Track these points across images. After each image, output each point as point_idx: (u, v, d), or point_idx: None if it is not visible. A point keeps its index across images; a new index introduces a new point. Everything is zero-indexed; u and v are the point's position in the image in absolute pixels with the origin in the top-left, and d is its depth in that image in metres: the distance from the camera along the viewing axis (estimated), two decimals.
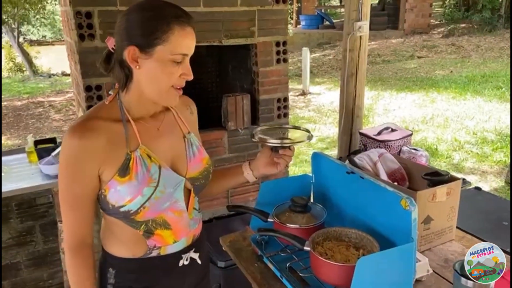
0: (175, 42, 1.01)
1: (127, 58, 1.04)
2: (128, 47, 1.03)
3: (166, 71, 1.04)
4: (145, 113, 1.14)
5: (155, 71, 1.04)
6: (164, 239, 1.17)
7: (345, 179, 1.40)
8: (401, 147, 2.39)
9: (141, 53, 1.03)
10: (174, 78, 1.05)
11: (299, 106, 7.51)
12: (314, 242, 1.30)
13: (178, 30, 1.01)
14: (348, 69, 2.86)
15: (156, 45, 1.01)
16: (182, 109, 1.25)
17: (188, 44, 1.04)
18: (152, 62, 1.03)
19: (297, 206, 1.42)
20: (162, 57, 1.02)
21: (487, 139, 5.38)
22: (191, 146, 1.21)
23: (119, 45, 1.06)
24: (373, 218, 1.34)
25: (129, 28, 1.04)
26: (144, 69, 1.05)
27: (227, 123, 2.53)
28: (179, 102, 1.25)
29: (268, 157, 1.32)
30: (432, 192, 1.46)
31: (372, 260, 1.11)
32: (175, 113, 1.22)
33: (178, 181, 1.15)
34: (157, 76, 1.04)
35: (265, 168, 1.32)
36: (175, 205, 1.16)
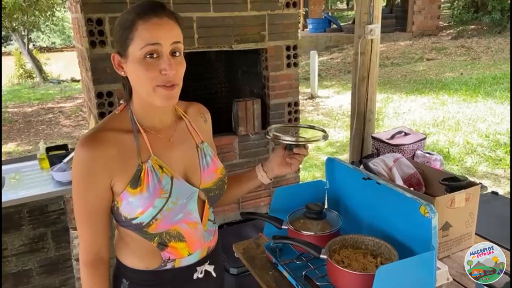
0: (140, 36, 0.99)
1: (114, 66, 1.06)
2: (112, 55, 1.06)
3: (143, 69, 1.00)
4: (156, 122, 1.12)
5: (136, 73, 1.02)
6: (179, 252, 1.15)
7: (361, 185, 1.38)
8: (415, 151, 2.35)
9: (121, 58, 1.04)
10: (153, 76, 1.00)
11: (308, 110, 7.48)
12: (330, 250, 1.27)
13: (141, 24, 0.99)
14: (359, 73, 2.83)
15: (127, 46, 1.01)
16: (195, 118, 1.23)
17: (155, 34, 0.99)
18: (130, 64, 1.02)
19: (312, 212, 1.40)
20: (135, 56, 1.00)
21: (500, 142, 5.30)
22: (204, 157, 1.19)
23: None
24: (390, 225, 1.31)
25: (113, 37, 1.08)
26: (128, 73, 1.05)
27: (238, 128, 2.51)
28: (192, 110, 1.24)
29: (282, 157, 1.28)
30: (450, 198, 1.43)
31: (392, 269, 1.08)
32: (188, 122, 1.20)
33: (191, 192, 1.13)
34: (139, 76, 1.02)
35: (279, 169, 1.29)
36: (188, 217, 1.14)
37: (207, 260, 1.21)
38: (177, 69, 1.02)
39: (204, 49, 2.27)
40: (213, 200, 1.21)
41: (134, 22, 0.99)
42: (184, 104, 1.24)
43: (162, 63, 1.00)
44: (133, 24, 0.99)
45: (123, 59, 1.03)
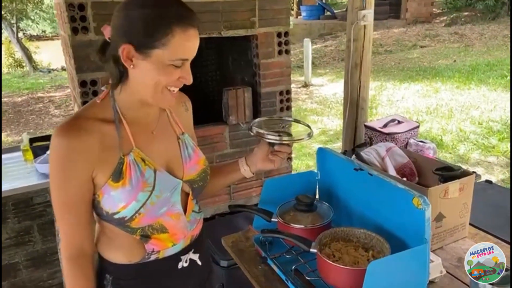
0: (175, 47, 0.93)
1: (122, 56, 0.96)
2: (123, 45, 0.94)
3: (162, 74, 0.97)
4: (140, 114, 1.07)
5: (150, 73, 0.96)
6: (162, 243, 1.11)
7: (353, 176, 1.33)
8: (408, 140, 2.32)
9: (137, 52, 0.95)
10: (171, 80, 0.99)
11: (302, 98, 7.42)
12: (321, 243, 1.23)
13: (180, 33, 0.93)
14: (352, 60, 2.77)
15: (154, 48, 0.93)
16: (176, 107, 1.19)
17: (190, 48, 0.97)
18: (149, 64, 0.96)
19: (302, 205, 1.35)
20: (160, 61, 0.95)
21: (493, 129, 5.29)
22: (186, 148, 1.15)
23: (115, 40, 0.98)
24: (383, 217, 1.27)
25: (127, 25, 0.95)
26: (139, 69, 0.97)
27: (228, 118, 2.46)
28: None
29: (266, 152, 1.26)
30: (444, 188, 1.39)
31: (383, 264, 1.04)
32: (169, 113, 1.16)
33: (175, 185, 1.09)
34: (152, 77, 0.97)
35: (263, 164, 1.27)
36: (172, 209, 1.10)
37: (191, 248, 1.18)
38: (190, 78, 1.01)
39: None
40: (197, 191, 1.18)
41: (171, 26, 0.92)
42: None
43: (183, 71, 0.98)
44: (169, 27, 0.92)
45: (140, 55, 0.95)
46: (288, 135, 1.25)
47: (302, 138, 1.26)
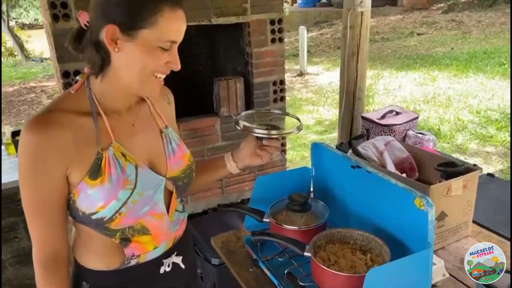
0: (164, 27, 0.86)
1: (105, 38, 0.87)
2: (106, 26, 0.86)
3: (150, 57, 0.89)
4: (120, 105, 0.99)
5: (137, 56, 0.88)
6: (143, 246, 1.03)
7: (350, 173, 1.25)
8: (407, 131, 2.23)
9: (122, 34, 0.86)
10: (159, 65, 0.91)
11: (297, 87, 7.31)
12: (315, 246, 1.15)
13: (169, 12, 0.86)
14: (349, 48, 2.67)
15: (141, 28, 0.86)
16: (158, 100, 1.11)
17: (179, 30, 0.91)
18: (135, 46, 0.87)
19: (295, 204, 1.27)
20: (147, 43, 0.87)
21: (491, 118, 5.22)
22: (169, 143, 1.07)
23: (95, 23, 0.89)
24: (382, 218, 1.19)
25: (109, 3, 0.87)
26: (124, 52, 0.88)
27: (220, 109, 2.36)
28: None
29: (253, 147, 1.20)
30: (446, 185, 1.31)
31: (383, 271, 0.96)
32: (151, 105, 1.08)
33: (158, 182, 1.01)
34: (139, 61, 0.89)
35: (250, 159, 1.21)
36: (154, 208, 1.02)
37: (174, 251, 1.11)
38: (179, 63, 0.95)
39: None
40: (181, 189, 1.10)
41: (159, 5, 0.86)
42: None
43: (170, 56, 0.91)
44: (157, 6, 0.86)
45: (125, 36, 0.87)
46: (276, 129, 1.18)
47: (291, 132, 1.20)
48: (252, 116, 1.29)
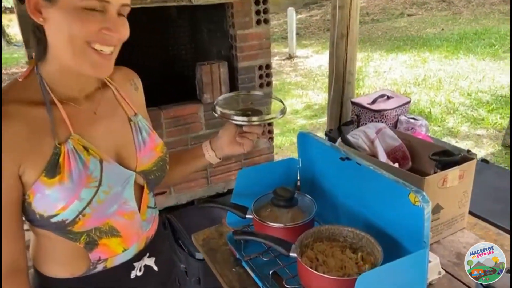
0: None
1: (28, 9, 0.78)
2: None
3: (75, 22, 0.76)
4: (75, 91, 0.88)
5: (62, 23, 0.77)
6: (111, 249, 0.93)
7: (339, 166, 1.15)
8: (399, 117, 2.14)
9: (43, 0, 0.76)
10: (89, 31, 0.77)
11: (286, 70, 7.18)
12: (302, 245, 1.06)
13: None
14: (338, 29, 2.55)
15: None
16: (123, 85, 0.99)
17: None
18: (58, 12, 0.76)
19: (281, 199, 1.17)
20: (69, 5, 0.75)
21: (482, 100, 5.17)
22: (139, 132, 0.97)
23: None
24: (374, 213, 1.10)
25: None
26: (50, 23, 0.78)
27: (203, 96, 2.24)
28: (120, 75, 1.00)
29: (233, 135, 1.10)
30: (442, 176, 1.22)
31: (375, 276, 0.87)
32: (115, 91, 0.96)
33: (127, 177, 0.91)
34: (65, 29, 0.77)
35: (230, 148, 1.12)
36: (124, 207, 0.92)
37: (146, 252, 1.01)
38: (121, 31, 0.81)
39: (159, 3, 1.95)
40: (153, 183, 1.00)
41: None
42: None
43: (106, 20, 0.78)
44: None
45: (46, 1, 0.77)
46: (258, 114, 1.08)
47: (274, 117, 1.09)
48: (232, 100, 1.18)
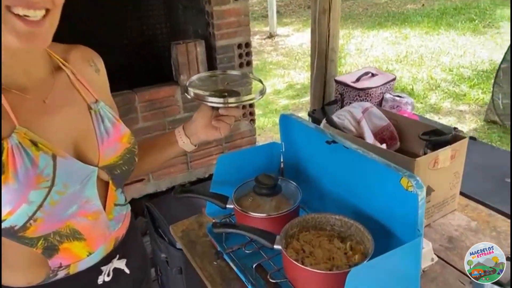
0: None
1: None
2: None
3: None
4: (20, 76, 0.76)
5: None
6: (74, 254, 0.83)
7: (325, 149, 1.07)
8: (384, 95, 2.07)
9: None
10: None
11: (267, 50, 7.04)
12: (287, 236, 0.99)
13: None
14: (320, 4, 2.44)
15: None
16: (81, 67, 0.87)
17: None
18: None
19: (263, 187, 1.09)
20: None
21: (464, 75, 5.16)
22: (101, 121, 0.85)
23: None
24: (362, 200, 1.03)
25: None
26: None
27: (179, 77, 2.12)
28: (76, 56, 0.88)
29: (208, 119, 1.01)
30: (433, 157, 1.16)
31: (367, 269, 0.81)
32: (71, 74, 0.84)
33: (88, 174, 0.80)
34: None
35: (206, 133, 1.02)
36: (86, 207, 0.82)
37: (116, 254, 0.91)
38: None
39: None
40: (120, 179, 0.89)
41: None
42: (62, 47, 0.87)
43: None
44: None
45: None
46: (235, 95, 0.98)
47: (252, 98, 1.00)
48: (207, 80, 1.08)
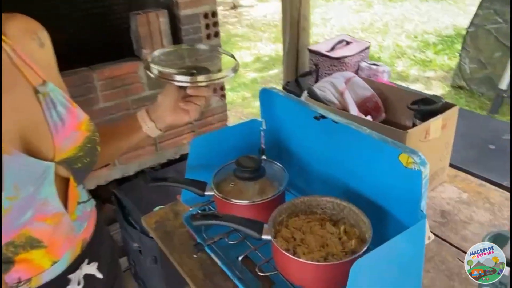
0: None
1: None
2: None
3: None
4: None
5: None
6: (35, 265, 0.71)
7: (311, 125, 0.97)
8: (359, 64, 1.98)
9: None
10: None
11: (231, 21, 6.80)
12: (275, 223, 0.89)
13: None
14: None
15: None
16: (22, 41, 0.71)
17: None
18: None
19: (245, 171, 0.98)
20: None
21: (428, 42, 5.18)
22: (53, 106, 0.71)
23: None
24: (355, 179, 0.94)
25: None
26: None
27: (141, 51, 1.95)
28: (15, 28, 0.71)
29: (175, 101, 0.90)
30: (425, 128, 1.08)
31: (372, 260, 0.72)
32: (11, 51, 0.68)
33: (42, 171, 0.67)
34: None
35: (173, 116, 0.91)
36: (44, 210, 0.69)
37: (84, 258, 0.80)
38: None
39: None
40: (82, 173, 0.77)
41: None
42: None
43: None
44: None
45: None
46: (205, 72, 0.86)
47: (224, 76, 0.88)
48: (171, 56, 0.95)
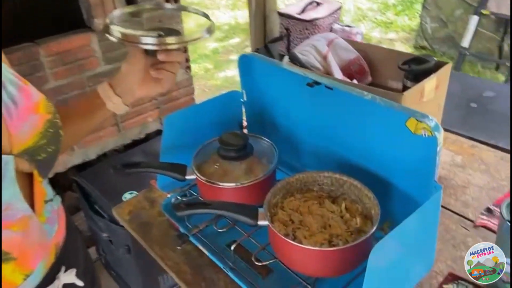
0: None
1: None
2: None
3: None
4: None
5: None
6: (5, 283, 0.60)
7: (300, 94, 0.86)
8: (331, 26, 1.87)
9: None
10: None
11: None
12: (270, 206, 0.79)
13: None
14: None
15: None
16: None
17: None
18: None
19: (230, 150, 0.87)
20: None
21: (388, 3, 5.14)
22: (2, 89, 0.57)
23: None
24: (353, 150, 0.85)
25: None
26: None
27: (93, 21, 1.74)
28: None
29: (144, 69, 0.76)
30: (420, 89, 1.00)
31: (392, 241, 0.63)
32: None
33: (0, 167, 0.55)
34: None
35: (144, 88, 0.77)
36: (7, 215, 0.57)
37: (60, 266, 0.69)
38: None
39: None
40: (46, 165, 0.64)
41: None
42: None
43: None
44: None
45: None
46: (174, 34, 0.73)
47: (199, 37, 0.74)
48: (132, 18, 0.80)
